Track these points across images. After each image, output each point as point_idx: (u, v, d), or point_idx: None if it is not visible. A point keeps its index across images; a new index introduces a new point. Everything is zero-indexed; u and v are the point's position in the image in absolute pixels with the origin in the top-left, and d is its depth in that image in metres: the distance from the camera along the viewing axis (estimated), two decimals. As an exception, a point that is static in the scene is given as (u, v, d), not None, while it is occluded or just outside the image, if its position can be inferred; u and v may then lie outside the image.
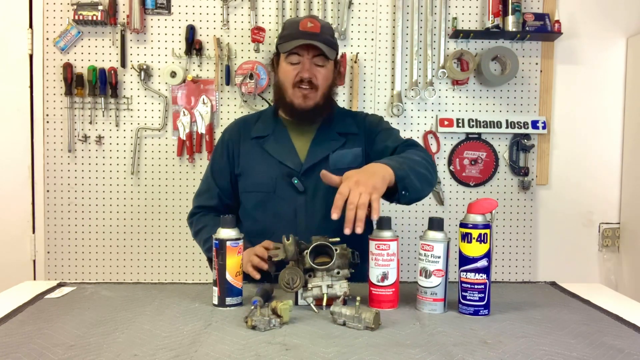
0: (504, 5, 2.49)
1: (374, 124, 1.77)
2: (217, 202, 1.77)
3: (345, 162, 1.68)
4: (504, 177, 2.61)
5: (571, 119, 2.64)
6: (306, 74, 1.64)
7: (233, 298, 1.30)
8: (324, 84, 1.68)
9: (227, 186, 1.77)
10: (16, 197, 2.52)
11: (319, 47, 1.62)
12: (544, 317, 1.26)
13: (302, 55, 1.65)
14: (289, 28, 1.69)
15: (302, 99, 1.66)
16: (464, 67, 2.54)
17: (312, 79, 1.65)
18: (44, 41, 2.48)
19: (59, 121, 2.50)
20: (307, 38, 1.62)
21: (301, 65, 1.65)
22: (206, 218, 1.76)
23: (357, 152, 1.71)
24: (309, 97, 1.66)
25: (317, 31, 1.65)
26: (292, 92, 1.67)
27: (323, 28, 1.67)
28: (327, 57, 1.65)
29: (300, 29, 1.64)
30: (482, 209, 1.28)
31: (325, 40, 1.65)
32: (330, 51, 1.66)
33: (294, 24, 1.68)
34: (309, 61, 1.65)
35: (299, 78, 1.65)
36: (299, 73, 1.65)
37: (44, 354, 1.01)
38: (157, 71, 2.51)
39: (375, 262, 1.32)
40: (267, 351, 1.02)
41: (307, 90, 1.66)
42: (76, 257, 2.55)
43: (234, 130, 1.81)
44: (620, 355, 1.03)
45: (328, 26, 1.73)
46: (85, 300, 1.36)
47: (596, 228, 2.69)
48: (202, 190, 1.81)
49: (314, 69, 1.66)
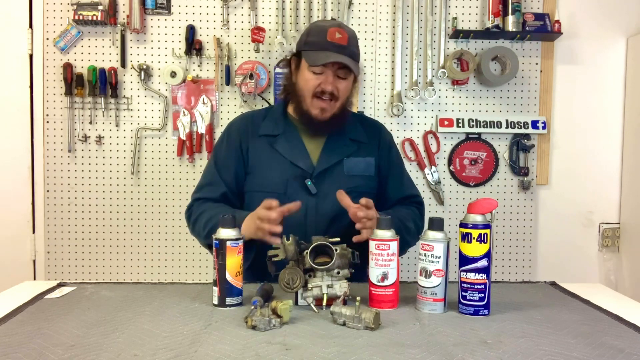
0: (504, 5, 2.49)
1: (387, 147, 1.79)
2: (220, 196, 1.69)
3: (358, 169, 1.70)
4: (504, 177, 2.61)
5: (571, 119, 2.64)
6: (329, 87, 1.61)
7: (233, 298, 1.30)
8: (343, 96, 1.66)
9: (232, 181, 1.70)
10: (16, 197, 2.52)
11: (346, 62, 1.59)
12: (544, 317, 1.26)
13: (326, 66, 1.60)
14: (316, 35, 1.62)
15: (320, 111, 1.63)
16: (464, 67, 2.54)
17: (334, 91, 1.62)
18: (44, 41, 2.48)
19: (59, 121, 2.50)
20: (335, 51, 1.58)
21: (325, 76, 1.61)
22: (206, 204, 1.67)
23: (370, 162, 1.72)
24: (327, 109, 1.64)
25: (345, 43, 1.59)
26: (311, 102, 1.64)
27: (350, 39, 1.62)
28: (352, 71, 1.63)
29: (329, 39, 1.59)
30: (482, 209, 1.28)
31: (351, 53, 1.62)
32: (356, 66, 1.63)
33: (321, 32, 1.61)
34: (333, 73, 1.61)
35: (320, 89, 1.61)
36: (322, 84, 1.61)
37: (44, 354, 1.01)
38: (157, 71, 2.51)
39: (375, 262, 1.32)
40: (267, 351, 1.02)
41: (327, 102, 1.63)
42: (76, 257, 2.55)
43: (241, 125, 1.76)
44: (620, 355, 1.03)
45: (354, 36, 1.67)
46: (85, 300, 1.36)
47: (596, 228, 2.69)
48: (204, 184, 1.72)
49: (337, 81, 1.62)
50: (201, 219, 1.63)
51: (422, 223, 1.76)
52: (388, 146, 1.80)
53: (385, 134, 1.83)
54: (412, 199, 1.78)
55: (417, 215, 1.75)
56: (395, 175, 1.78)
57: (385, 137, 1.82)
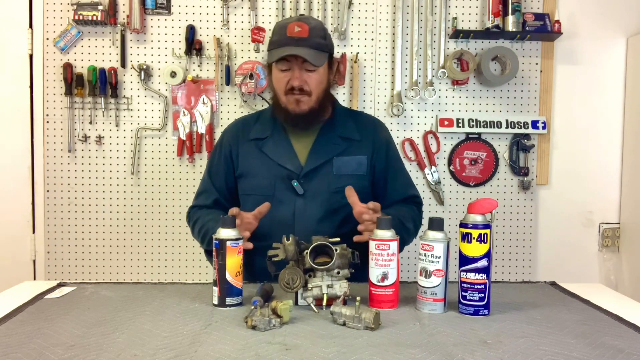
0: (504, 5, 2.49)
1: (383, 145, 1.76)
2: (212, 203, 1.74)
3: (349, 169, 1.68)
4: (504, 177, 2.61)
5: (571, 119, 2.64)
6: (296, 82, 1.60)
7: (233, 298, 1.30)
8: (317, 89, 1.64)
9: (224, 187, 1.74)
10: (16, 197, 2.52)
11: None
12: (544, 317, 1.26)
13: (291, 62, 1.60)
14: (277, 33, 1.63)
15: (295, 104, 1.63)
16: (464, 67, 2.54)
17: (303, 86, 1.61)
18: (44, 41, 2.48)
19: (59, 121, 2.50)
20: (293, 44, 1.57)
21: (291, 72, 1.61)
22: (200, 212, 1.73)
23: (361, 160, 1.70)
24: (302, 101, 1.63)
25: (305, 35, 1.58)
26: (286, 98, 1.64)
27: (312, 31, 1.60)
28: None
29: (288, 35, 1.58)
30: (482, 209, 1.28)
31: (313, 44, 1.59)
32: (318, 57, 1.60)
33: (282, 28, 1.61)
34: (298, 68, 1.60)
35: (289, 86, 1.62)
36: (290, 81, 1.61)
37: (44, 354, 1.01)
38: (157, 71, 2.51)
39: (375, 262, 1.32)
40: (267, 351, 1.03)
41: (299, 95, 1.62)
42: (76, 257, 2.55)
43: (232, 131, 1.79)
44: (620, 355, 1.03)
45: (319, 27, 1.65)
46: (85, 300, 1.36)
47: (596, 228, 2.69)
48: (200, 192, 1.79)
49: (305, 75, 1.61)
50: (196, 227, 1.71)
51: (421, 222, 1.77)
52: (385, 144, 1.77)
53: (381, 131, 1.80)
54: (412, 199, 1.78)
55: (416, 215, 1.75)
56: (394, 175, 1.76)
57: (381, 135, 1.78)
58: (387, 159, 1.76)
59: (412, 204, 1.76)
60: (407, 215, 1.68)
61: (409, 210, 1.72)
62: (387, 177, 1.75)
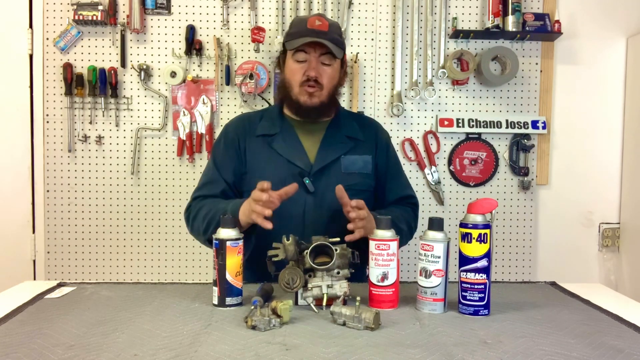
0: (504, 5, 2.49)
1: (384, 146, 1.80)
2: (220, 193, 1.67)
3: (356, 167, 1.71)
4: (504, 177, 2.61)
5: (571, 119, 2.64)
6: (313, 72, 1.63)
7: (233, 298, 1.30)
8: (329, 84, 1.68)
9: (231, 179, 1.70)
10: (16, 197, 2.52)
11: (326, 45, 1.61)
12: (544, 317, 1.26)
13: (309, 53, 1.64)
14: (296, 26, 1.68)
15: (308, 96, 1.66)
16: (464, 67, 2.54)
17: (318, 77, 1.64)
18: (44, 41, 2.48)
19: (59, 121, 2.50)
20: (314, 36, 1.61)
21: (308, 63, 1.64)
22: (205, 200, 1.65)
23: (367, 160, 1.73)
24: (315, 95, 1.66)
25: (325, 29, 1.64)
26: (299, 90, 1.66)
27: (331, 27, 1.66)
28: (335, 55, 1.65)
29: (308, 27, 1.63)
30: (482, 209, 1.28)
31: (333, 39, 1.65)
32: (338, 50, 1.65)
33: (302, 22, 1.67)
34: (315, 59, 1.64)
35: (305, 77, 1.64)
36: (306, 71, 1.64)
37: (44, 354, 1.01)
38: (157, 71, 2.51)
39: (375, 262, 1.32)
40: (267, 351, 1.03)
41: (313, 88, 1.65)
42: (76, 257, 2.55)
43: (238, 125, 1.77)
44: (620, 355, 1.03)
45: (336, 25, 1.72)
46: (85, 300, 1.36)
47: (596, 228, 2.69)
48: (203, 183, 1.71)
49: (321, 67, 1.65)
50: (200, 213, 1.61)
51: (416, 224, 1.79)
52: (385, 145, 1.81)
53: (381, 133, 1.84)
54: (407, 200, 1.79)
55: (410, 216, 1.76)
56: (393, 175, 1.79)
57: (382, 136, 1.83)
58: (388, 160, 1.79)
59: (407, 206, 1.78)
60: (400, 216, 1.68)
61: (403, 212, 1.73)
62: (386, 177, 1.77)
